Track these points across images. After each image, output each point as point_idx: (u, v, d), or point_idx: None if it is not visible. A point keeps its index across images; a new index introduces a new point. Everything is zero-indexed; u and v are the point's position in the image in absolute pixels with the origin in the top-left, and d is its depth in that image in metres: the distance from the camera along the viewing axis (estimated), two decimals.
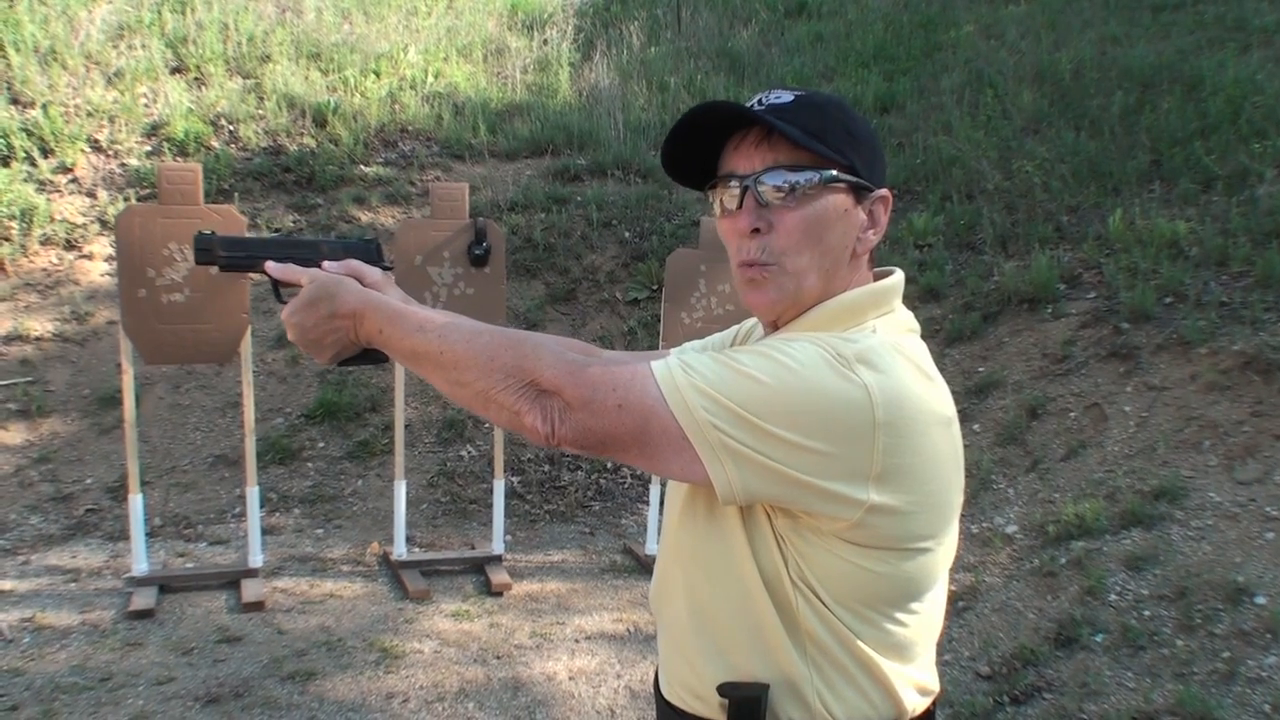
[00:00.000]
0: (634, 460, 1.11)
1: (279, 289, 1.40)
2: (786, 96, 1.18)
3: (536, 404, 1.10)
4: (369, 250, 1.44)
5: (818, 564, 1.11)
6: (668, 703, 1.27)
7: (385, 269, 1.43)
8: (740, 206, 1.18)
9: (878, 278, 1.25)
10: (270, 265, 1.39)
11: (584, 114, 8.65)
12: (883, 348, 1.11)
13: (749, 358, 1.08)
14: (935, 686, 1.25)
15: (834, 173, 1.16)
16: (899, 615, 1.16)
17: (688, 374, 1.08)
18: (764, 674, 1.16)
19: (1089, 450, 4.65)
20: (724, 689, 1.17)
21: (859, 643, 1.13)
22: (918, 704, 1.20)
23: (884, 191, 1.21)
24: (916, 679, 1.20)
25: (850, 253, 1.20)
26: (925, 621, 1.20)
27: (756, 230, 1.17)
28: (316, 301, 1.30)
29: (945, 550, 1.19)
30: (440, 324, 1.20)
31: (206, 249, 1.43)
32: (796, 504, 1.08)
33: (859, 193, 1.19)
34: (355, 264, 1.41)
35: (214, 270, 1.45)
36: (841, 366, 1.06)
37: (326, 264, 1.38)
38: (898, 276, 1.25)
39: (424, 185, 7.32)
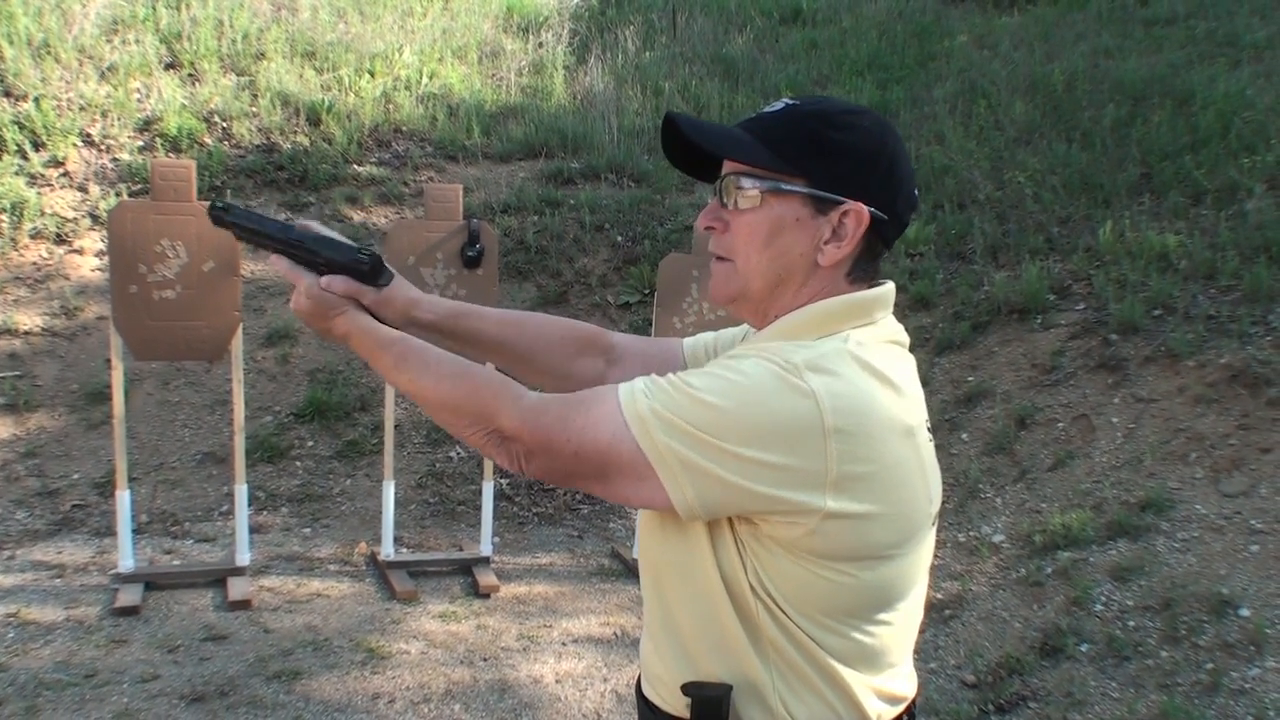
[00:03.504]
0: (598, 493, 1.17)
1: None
2: (779, 104, 1.23)
3: (501, 448, 1.18)
4: (361, 270, 1.36)
5: (777, 572, 1.12)
6: (645, 699, 1.29)
7: (380, 286, 1.38)
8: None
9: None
10: (274, 259, 1.37)
11: (578, 117, 8.65)
12: (836, 353, 1.12)
13: (699, 379, 1.10)
14: (908, 693, 1.25)
15: (779, 183, 1.18)
16: (865, 626, 1.16)
17: (649, 398, 1.11)
18: (727, 676, 1.17)
19: (1076, 461, 4.67)
20: (687, 688, 1.18)
21: (821, 652, 1.14)
22: (884, 711, 1.21)
23: (851, 205, 1.17)
24: (884, 688, 1.20)
25: (809, 263, 1.20)
26: (896, 632, 1.20)
27: (712, 227, 1.25)
28: (314, 316, 1.34)
29: (914, 560, 1.19)
30: (410, 363, 1.24)
31: (224, 209, 1.40)
32: (757, 514, 1.10)
33: (820, 204, 1.19)
34: (354, 288, 1.34)
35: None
36: (790, 375, 1.08)
37: (325, 280, 1.34)
38: (883, 288, 1.24)
39: (417, 186, 7.32)
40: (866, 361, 1.13)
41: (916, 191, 1.26)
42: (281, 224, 1.38)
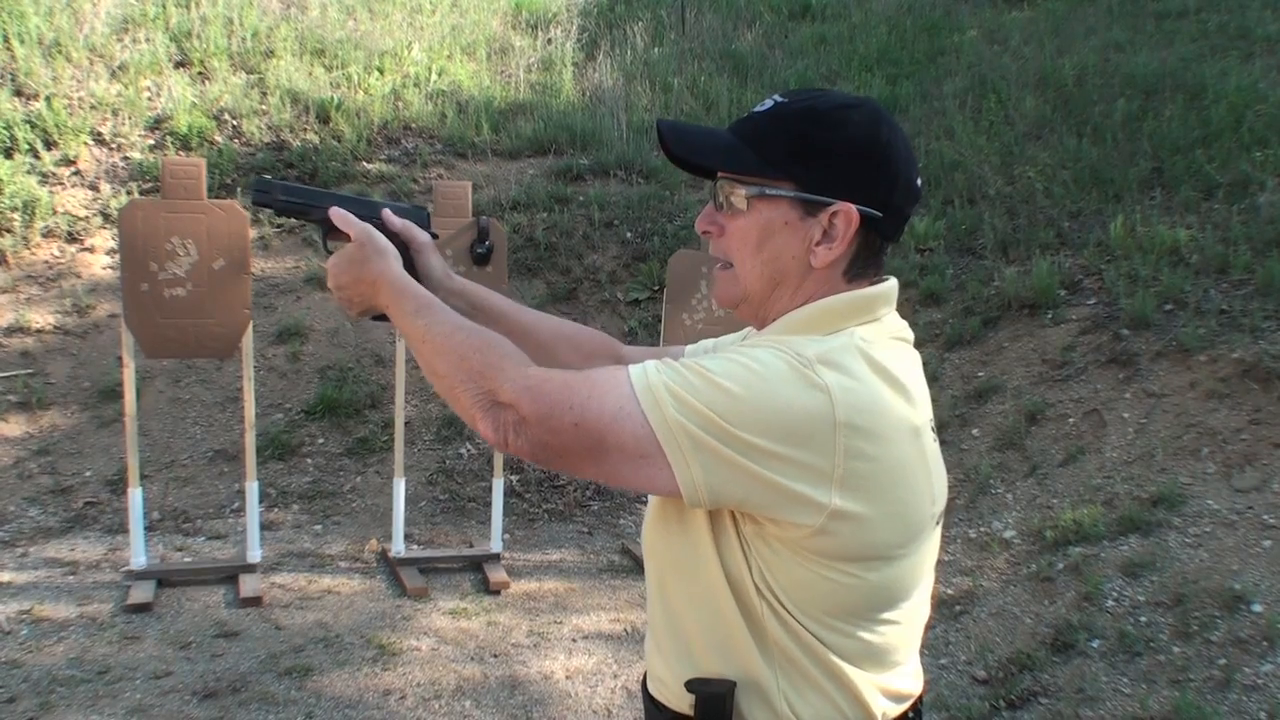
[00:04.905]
0: (589, 473, 1.13)
1: (326, 241, 1.48)
2: (769, 103, 1.21)
3: (490, 413, 1.13)
4: (421, 217, 1.54)
5: (781, 572, 1.11)
6: (650, 696, 1.29)
7: (433, 236, 1.54)
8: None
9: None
10: (333, 210, 1.45)
11: (587, 114, 8.65)
12: (845, 349, 1.11)
13: (716, 364, 1.09)
14: (914, 689, 1.25)
15: (765, 188, 1.18)
16: (871, 625, 1.15)
17: (661, 375, 1.09)
18: (731, 675, 1.16)
19: (1087, 456, 4.65)
20: (691, 685, 1.18)
21: (826, 651, 1.13)
22: (890, 709, 1.20)
23: (840, 206, 1.15)
24: (890, 685, 1.20)
25: (803, 265, 1.19)
26: (902, 630, 1.19)
27: (708, 232, 1.26)
28: (354, 261, 1.37)
29: (918, 560, 1.18)
30: (432, 313, 1.25)
31: (265, 190, 1.50)
32: (761, 508, 1.08)
33: (808, 206, 1.17)
34: (411, 225, 1.50)
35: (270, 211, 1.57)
36: (803, 368, 1.07)
37: (387, 213, 1.48)
38: (886, 284, 1.23)
39: (427, 183, 7.33)
40: (875, 360, 1.12)
41: (920, 181, 1.23)
42: (328, 192, 1.51)
